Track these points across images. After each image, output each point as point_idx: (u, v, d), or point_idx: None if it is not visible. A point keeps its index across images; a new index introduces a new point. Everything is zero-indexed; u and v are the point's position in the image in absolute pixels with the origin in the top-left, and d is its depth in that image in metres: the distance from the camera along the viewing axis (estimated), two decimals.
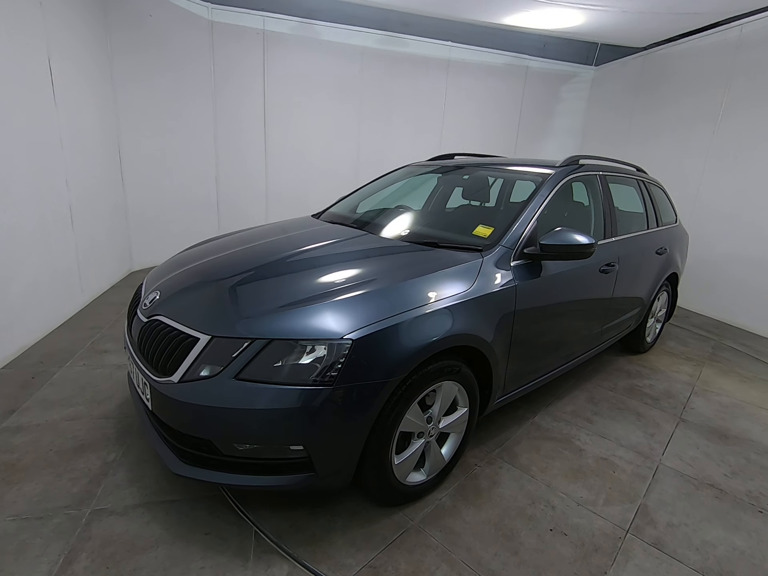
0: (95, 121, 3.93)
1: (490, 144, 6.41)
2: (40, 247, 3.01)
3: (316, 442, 1.41)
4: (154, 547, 1.50)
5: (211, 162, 5.27)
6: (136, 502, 1.69)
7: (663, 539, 1.69)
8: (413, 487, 1.74)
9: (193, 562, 1.45)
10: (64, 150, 3.33)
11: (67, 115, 3.35)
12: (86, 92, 3.75)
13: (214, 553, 1.49)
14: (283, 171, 5.62)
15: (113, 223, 4.44)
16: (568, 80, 6.57)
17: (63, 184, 3.36)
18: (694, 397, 2.86)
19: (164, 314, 1.62)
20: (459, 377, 1.74)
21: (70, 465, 1.87)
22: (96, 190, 3.96)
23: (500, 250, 1.95)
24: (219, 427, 1.42)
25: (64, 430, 2.10)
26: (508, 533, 1.66)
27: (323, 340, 1.42)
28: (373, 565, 1.48)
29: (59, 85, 3.21)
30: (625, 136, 5.71)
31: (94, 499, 1.69)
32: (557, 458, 2.13)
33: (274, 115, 5.34)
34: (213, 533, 1.57)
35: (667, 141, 5.08)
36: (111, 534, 1.54)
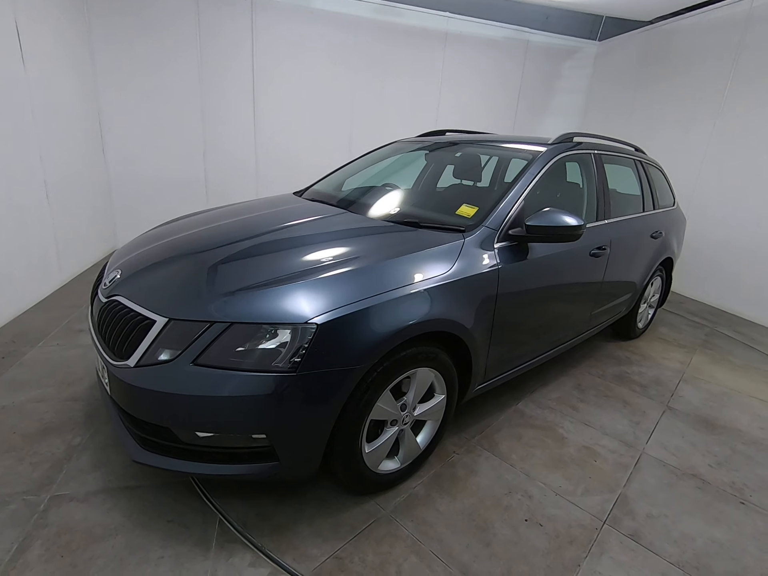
0: (72, 91, 3.77)
1: (488, 120, 6.21)
2: (10, 224, 2.90)
3: (279, 430, 1.35)
4: (112, 536, 1.45)
5: (199, 136, 5.08)
6: (99, 488, 1.63)
7: (640, 531, 1.65)
8: (386, 475, 1.68)
9: (151, 551, 1.40)
10: (36, 121, 3.18)
11: (39, 84, 3.19)
12: (62, 60, 3.57)
13: (175, 542, 1.44)
14: (273, 147, 5.43)
15: (95, 200, 4.32)
16: (570, 55, 6.33)
17: (36, 158, 3.23)
18: (683, 384, 2.80)
19: (123, 294, 1.53)
20: (435, 364, 1.66)
21: (33, 449, 1.81)
22: (75, 165, 3.82)
23: (483, 231, 1.85)
24: (177, 415, 1.34)
25: (30, 412, 2.03)
26: (482, 524, 1.62)
27: (287, 324, 1.33)
28: (339, 556, 1.43)
29: (29, 52, 3.04)
30: (627, 114, 5.52)
31: (54, 485, 1.64)
32: (538, 446, 2.07)
33: (263, 89, 5.13)
34: (176, 521, 1.52)
35: (669, 120, 4.90)
36: (69, 521, 1.49)
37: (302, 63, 5.15)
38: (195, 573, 1.35)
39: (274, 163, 5.51)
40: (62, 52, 3.59)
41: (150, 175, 4.88)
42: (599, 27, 6.32)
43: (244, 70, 5.00)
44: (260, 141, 5.34)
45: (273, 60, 5.05)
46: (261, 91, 5.11)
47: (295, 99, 5.26)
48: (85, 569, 1.34)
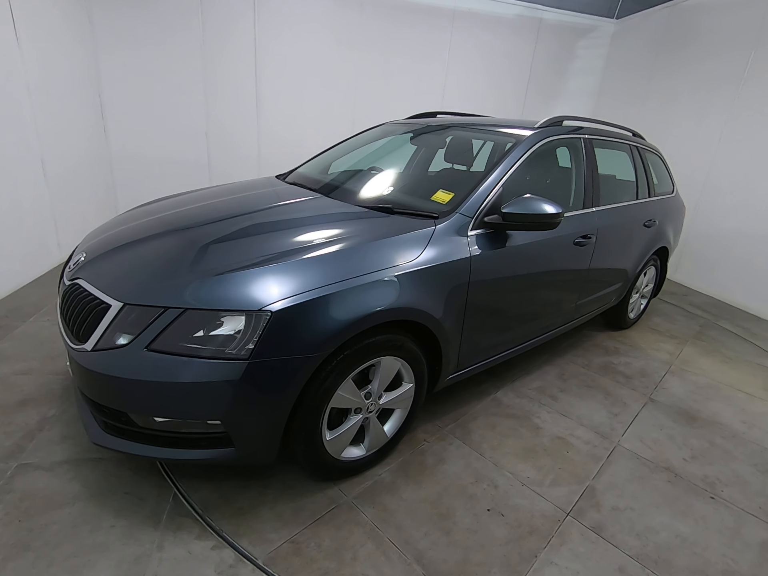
0: (71, 71, 3.74)
1: (496, 103, 6.04)
2: (5, 203, 2.91)
3: (233, 417, 1.34)
4: (70, 504, 1.49)
5: (201, 117, 5.01)
6: (64, 459, 1.68)
7: (604, 523, 1.64)
8: (350, 462, 1.69)
9: (105, 521, 1.44)
10: (33, 101, 3.15)
11: (35, 64, 3.15)
12: (60, 40, 3.54)
13: (129, 513, 1.48)
14: (275, 127, 5.33)
15: (96, 179, 4.32)
16: (585, 35, 6.07)
17: (33, 137, 3.21)
18: (670, 376, 2.76)
19: (84, 278, 1.53)
20: (401, 353, 1.65)
21: (9, 419, 1.86)
22: (74, 144, 3.82)
23: (457, 218, 1.81)
24: (131, 400, 1.35)
25: (12, 384, 2.07)
26: (444, 512, 1.62)
27: (241, 311, 1.32)
28: (296, 541, 1.45)
29: (24, 30, 3.00)
30: (642, 97, 5.30)
31: (23, 453, 1.68)
32: (512, 436, 2.07)
33: (265, 69, 5.01)
34: (132, 493, 1.56)
35: (685, 103, 4.70)
36: (32, 488, 1.54)
37: (305, 43, 5.02)
38: (142, 542, 1.39)
39: (277, 144, 5.43)
40: (61, 31, 3.55)
41: (152, 155, 4.86)
42: (618, 4, 6.06)
43: (247, 50, 4.89)
44: (262, 122, 5.26)
45: (276, 40, 4.92)
46: (263, 71, 5.01)
47: (298, 80, 5.15)
48: (39, 534, 1.38)
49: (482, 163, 2.64)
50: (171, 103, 4.78)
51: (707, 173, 4.46)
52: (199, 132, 5.08)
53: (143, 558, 1.34)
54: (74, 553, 1.34)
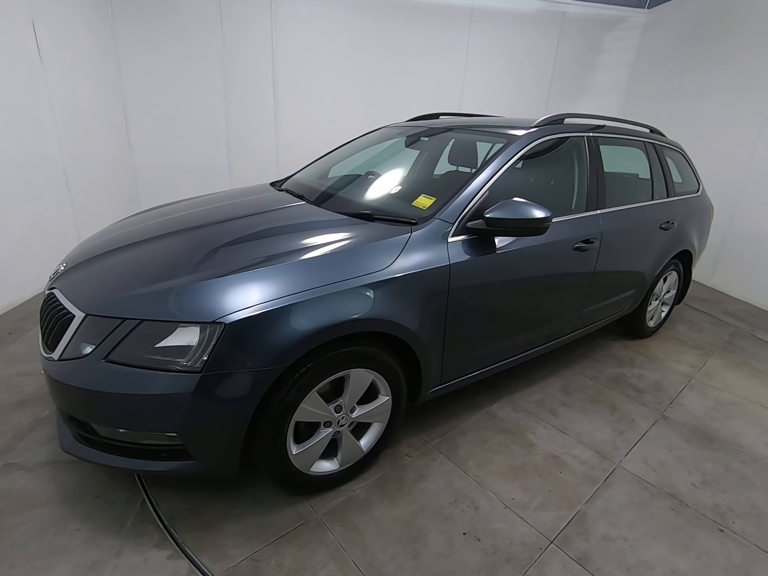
0: (94, 84, 3.92)
1: (518, 101, 5.86)
2: (29, 210, 3.07)
3: (189, 430, 1.32)
4: (43, 505, 1.53)
5: (221, 124, 5.13)
6: (47, 460, 1.72)
7: (591, 554, 1.51)
8: (321, 476, 1.64)
9: (71, 523, 1.47)
10: (55, 114, 3.31)
11: (57, 79, 3.31)
12: (83, 55, 3.72)
13: (96, 517, 1.50)
14: (293, 132, 5.38)
15: (120, 187, 4.51)
16: (613, 27, 5.78)
17: (55, 147, 3.37)
18: (688, 391, 2.55)
19: (58, 287, 1.55)
20: (374, 365, 1.58)
21: (5, 418, 1.93)
22: (97, 153, 3.99)
23: (435, 224, 1.72)
24: (92, 410, 1.36)
25: (14, 384, 2.16)
26: (416, 534, 1.54)
27: (195, 323, 1.30)
28: (256, 558, 1.41)
29: (46, 47, 3.15)
30: (675, 91, 4.98)
31: (11, 453, 1.74)
32: (501, 453, 1.95)
33: (283, 76, 5.08)
34: (103, 497, 1.58)
35: (721, 96, 4.37)
36: (11, 488, 1.58)
37: (321, 48, 5.05)
38: (102, 548, 1.39)
39: (295, 149, 5.47)
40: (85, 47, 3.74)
41: (175, 163, 5.02)
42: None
43: (264, 57, 4.97)
44: (280, 128, 5.33)
45: (292, 46, 4.98)
46: (281, 78, 5.08)
47: (314, 85, 5.19)
48: (8, 534, 1.42)
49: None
50: (192, 113, 4.93)
51: (745, 169, 4.13)
52: (220, 140, 5.21)
53: (99, 564, 1.34)
54: (36, 555, 1.36)
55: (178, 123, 4.89)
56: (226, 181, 5.40)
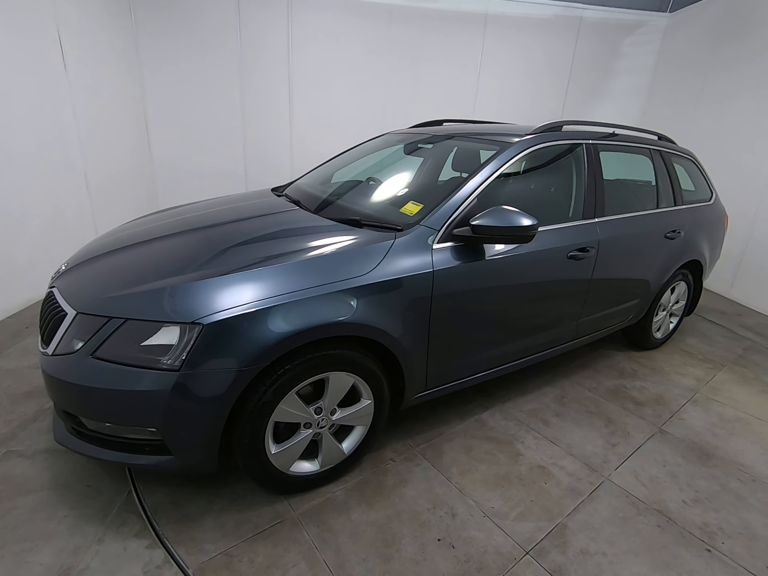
0: (117, 91, 4.11)
1: (532, 108, 5.82)
2: (49, 211, 3.23)
3: (168, 426, 1.38)
4: (37, 491, 1.61)
5: (238, 130, 5.29)
6: (46, 448, 1.81)
7: (566, 568, 1.49)
8: (301, 477, 1.67)
9: (60, 510, 1.54)
10: (78, 121, 3.48)
11: (80, 88, 3.49)
12: (105, 65, 3.90)
13: (84, 505, 1.57)
14: (307, 137, 5.49)
15: (138, 189, 4.69)
16: (633, 31, 5.68)
17: (77, 152, 3.55)
18: (691, 405, 2.48)
19: (57, 287, 1.64)
20: (355, 368, 1.61)
21: (13, 408, 2.04)
22: (118, 159, 4.17)
23: (419, 230, 1.74)
24: (80, 404, 1.43)
25: (25, 376, 2.28)
26: (390, 538, 1.55)
27: (176, 323, 1.35)
28: (230, 554, 1.45)
29: (70, 58, 3.33)
30: (697, 96, 4.84)
31: (14, 441, 1.84)
32: (486, 461, 1.94)
33: (298, 83, 5.20)
34: (93, 486, 1.66)
35: (744, 101, 4.23)
36: (10, 474, 1.68)
37: (335, 56, 5.15)
38: (86, 534, 1.46)
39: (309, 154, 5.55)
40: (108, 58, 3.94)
41: (193, 168, 5.20)
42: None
43: (281, 65, 5.11)
44: (295, 133, 5.45)
45: (307, 54, 5.10)
46: (296, 85, 5.20)
47: (329, 92, 5.28)
48: (2, 517, 1.51)
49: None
50: (211, 119, 5.10)
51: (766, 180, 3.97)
52: (237, 145, 5.36)
53: (82, 549, 1.41)
54: (25, 537, 1.44)
55: (197, 128, 5.06)
56: (242, 185, 5.55)
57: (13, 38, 2.80)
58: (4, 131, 2.77)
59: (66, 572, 1.35)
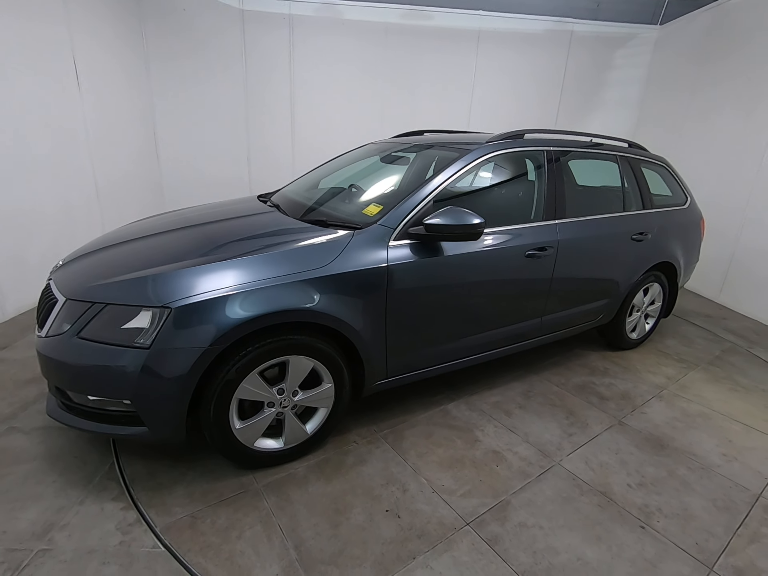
0: (126, 104, 4.44)
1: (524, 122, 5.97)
2: (61, 217, 3.51)
3: (139, 398, 1.56)
4: (30, 461, 1.81)
5: (243, 142, 5.59)
6: (42, 425, 2.02)
7: (501, 537, 1.60)
8: (265, 453, 1.83)
9: (49, 476, 1.74)
10: (88, 131, 3.79)
11: (93, 103, 3.81)
12: (116, 83, 4.24)
13: (70, 473, 1.77)
14: (308, 150, 5.75)
15: (146, 197, 5.00)
16: (623, 44, 5.84)
17: (88, 163, 3.85)
18: (656, 401, 2.55)
19: (53, 278, 1.86)
20: (314, 353, 1.77)
21: (16, 392, 2.27)
22: (126, 167, 4.49)
23: (376, 228, 1.91)
24: (66, 378, 1.62)
25: (29, 365, 2.51)
26: (341, 508, 1.69)
27: (148, 307, 1.55)
28: (195, 516, 1.61)
29: (84, 77, 3.66)
30: (686, 106, 4.94)
31: (15, 419, 2.06)
32: (444, 446, 2.07)
33: (300, 97, 5.48)
34: (80, 457, 1.85)
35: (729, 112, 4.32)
36: (9, 446, 1.88)
37: (334, 75, 5.43)
38: (69, 497, 1.65)
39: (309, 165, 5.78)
40: (117, 76, 4.26)
41: (200, 177, 5.51)
42: (662, 9, 5.80)
43: (283, 83, 5.41)
44: (296, 145, 5.73)
45: (309, 70, 5.40)
46: (298, 101, 5.50)
47: (328, 108, 5.56)
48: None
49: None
50: (217, 134, 5.42)
51: (754, 179, 4.03)
52: (242, 157, 5.66)
53: (65, 509, 1.60)
54: (16, 498, 1.63)
55: (203, 140, 5.37)
56: (246, 194, 5.82)
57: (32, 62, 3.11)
58: (23, 143, 3.08)
59: (49, 527, 1.53)
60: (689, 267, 3.33)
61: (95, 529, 1.53)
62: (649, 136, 5.68)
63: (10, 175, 3.00)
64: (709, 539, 1.65)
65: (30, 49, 3.10)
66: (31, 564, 1.40)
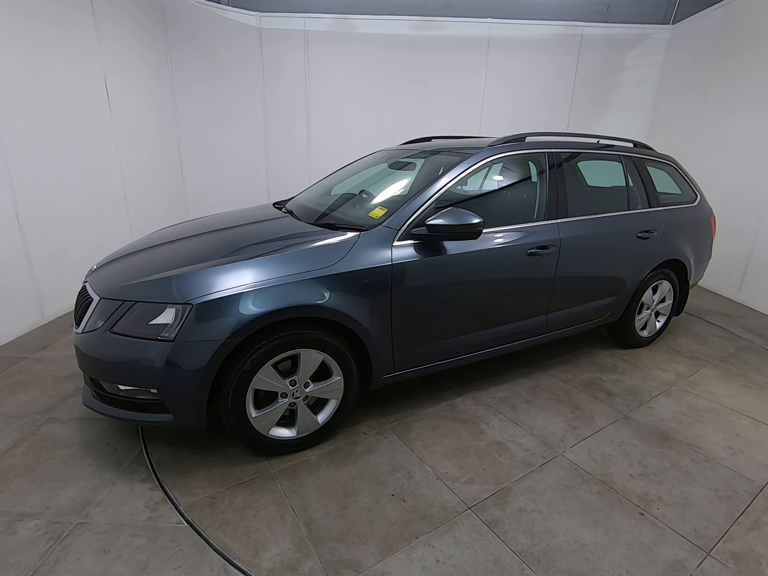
0: (153, 124, 4.73)
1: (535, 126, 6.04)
2: (94, 231, 3.77)
3: (165, 387, 1.71)
4: (69, 447, 1.99)
5: (262, 154, 5.85)
6: (79, 416, 2.21)
7: (501, 520, 1.68)
8: (279, 441, 1.95)
9: (85, 461, 1.92)
10: (118, 147, 4.07)
11: (122, 122, 4.10)
12: (144, 101, 4.54)
13: (104, 457, 1.94)
14: (323, 159, 5.97)
15: (172, 210, 5.28)
16: (635, 45, 5.85)
17: (118, 177, 4.13)
18: (664, 397, 2.57)
19: (89, 281, 2.05)
20: (324, 347, 1.90)
21: (56, 387, 2.47)
22: (154, 183, 4.78)
23: (381, 230, 2.03)
24: (100, 369, 1.80)
25: (67, 363, 2.72)
26: (350, 492, 1.80)
27: (172, 304, 1.70)
28: (215, 497, 1.75)
29: (114, 97, 3.95)
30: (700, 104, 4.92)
31: (55, 411, 2.25)
32: (449, 437, 2.16)
33: (315, 109, 5.71)
34: (112, 444, 2.02)
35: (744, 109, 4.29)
36: (50, 434, 2.07)
37: (349, 83, 5.64)
38: (103, 478, 1.82)
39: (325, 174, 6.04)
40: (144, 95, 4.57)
41: (221, 190, 5.80)
42: (674, 8, 5.81)
43: (299, 95, 5.66)
44: (312, 155, 5.96)
45: (323, 84, 5.63)
46: (313, 111, 5.73)
47: (343, 116, 5.77)
48: (42, 464, 1.90)
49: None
50: (237, 148, 5.72)
51: None
52: (260, 168, 5.92)
53: (99, 488, 1.76)
54: (58, 478, 1.81)
55: (225, 154, 5.66)
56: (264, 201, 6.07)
57: (73, 92, 3.40)
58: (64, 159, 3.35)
59: (86, 504, 1.69)
60: (700, 265, 3.33)
61: (126, 506, 1.68)
62: (663, 136, 5.66)
63: (52, 190, 3.27)
64: (708, 526, 1.69)
65: (69, 78, 3.38)
66: (70, 535, 1.55)
